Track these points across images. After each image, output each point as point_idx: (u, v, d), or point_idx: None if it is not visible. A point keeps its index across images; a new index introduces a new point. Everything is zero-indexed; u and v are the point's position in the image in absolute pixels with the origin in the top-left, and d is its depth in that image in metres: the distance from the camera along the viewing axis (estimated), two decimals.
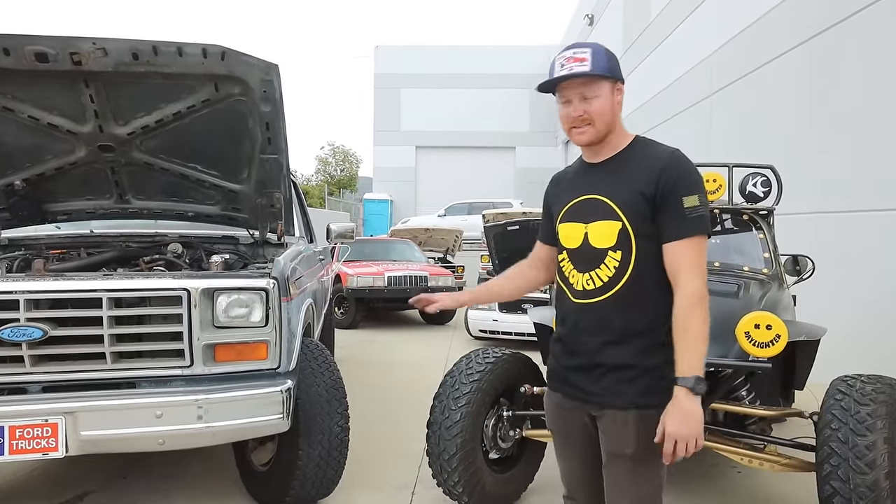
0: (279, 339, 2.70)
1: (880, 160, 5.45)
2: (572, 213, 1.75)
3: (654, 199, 1.62)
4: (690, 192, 1.60)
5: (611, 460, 1.70)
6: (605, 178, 1.71)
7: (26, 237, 3.46)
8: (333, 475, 3.03)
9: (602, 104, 1.64)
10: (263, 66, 2.59)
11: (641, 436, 1.63)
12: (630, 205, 1.64)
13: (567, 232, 1.75)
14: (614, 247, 1.65)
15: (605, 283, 1.66)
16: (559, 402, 1.81)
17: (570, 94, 1.66)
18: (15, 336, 2.40)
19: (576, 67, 1.61)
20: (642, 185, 1.63)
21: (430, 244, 14.36)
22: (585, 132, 1.67)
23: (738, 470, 3.62)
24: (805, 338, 2.98)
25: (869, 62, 5.69)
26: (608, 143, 1.72)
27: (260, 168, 3.00)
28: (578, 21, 19.97)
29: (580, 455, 1.81)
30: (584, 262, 1.71)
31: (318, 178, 33.70)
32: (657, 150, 1.70)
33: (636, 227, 1.63)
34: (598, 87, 1.64)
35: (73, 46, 2.45)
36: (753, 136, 7.78)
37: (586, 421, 1.75)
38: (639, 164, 1.67)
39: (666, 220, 1.62)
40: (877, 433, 2.37)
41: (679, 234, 1.60)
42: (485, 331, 7.96)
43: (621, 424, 1.65)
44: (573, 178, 1.82)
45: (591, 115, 1.65)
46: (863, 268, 5.57)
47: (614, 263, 1.65)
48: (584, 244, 1.70)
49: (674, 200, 1.60)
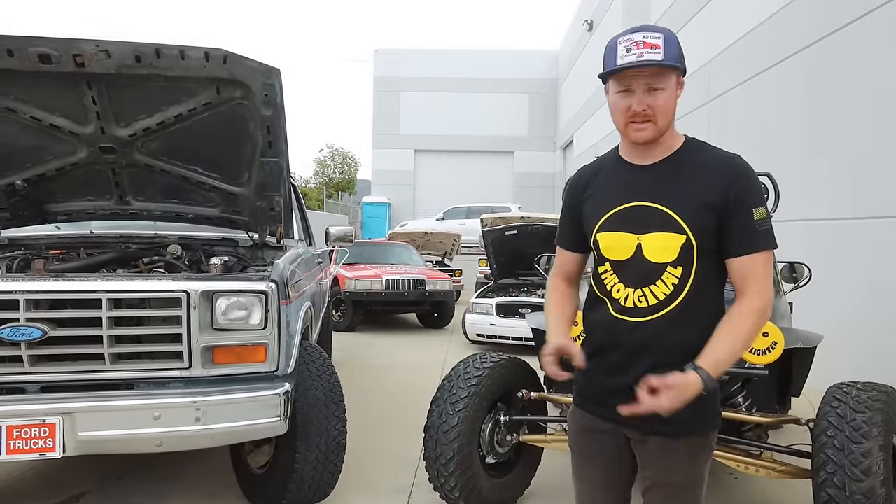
0: (278, 341, 2.71)
1: (876, 168, 5.48)
2: (618, 220, 1.55)
3: (723, 210, 1.47)
4: (759, 204, 1.48)
5: (654, 487, 1.58)
6: (661, 183, 1.53)
7: (26, 237, 3.46)
8: (330, 478, 3.03)
9: (667, 99, 1.48)
10: (265, 70, 2.60)
11: (691, 462, 1.54)
12: (696, 218, 1.48)
13: (612, 242, 1.56)
14: (675, 262, 1.49)
15: (661, 300, 1.51)
16: (590, 423, 1.64)
17: (635, 83, 1.47)
18: (14, 336, 2.41)
19: (647, 54, 1.43)
20: (710, 195, 1.47)
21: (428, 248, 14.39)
22: (646, 129, 1.49)
23: (734, 476, 3.63)
24: (801, 345, 3.00)
25: (866, 70, 5.72)
26: (661, 143, 1.54)
27: (260, 171, 3.01)
28: (578, 26, 20.05)
29: (602, 481, 1.67)
30: (635, 276, 1.53)
31: (317, 180, 33.72)
32: (718, 155, 1.54)
33: (701, 243, 1.49)
34: (667, 79, 1.47)
35: (76, 48, 2.46)
36: (751, 144, 7.81)
37: (619, 444, 1.61)
38: (701, 170, 1.51)
39: (736, 233, 1.48)
40: (872, 440, 2.38)
41: (753, 247, 1.47)
42: (482, 335, 7.96)
43: (672, 452, 1.52)
44: (614, 180, 1.61)
45: (654, 110, 1.47)
46: (859, 275, 5.59)
47: (673, 280, 1.50)
48: (637, 257, 1.53)
49: (745, 213, 1.47)
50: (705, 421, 1.53)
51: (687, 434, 1.52)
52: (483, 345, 7.89)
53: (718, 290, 1.55)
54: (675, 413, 1.42)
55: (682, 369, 1.43)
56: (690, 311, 1.50)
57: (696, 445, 1.54)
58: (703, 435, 1.54)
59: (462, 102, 24.71)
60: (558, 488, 3.36)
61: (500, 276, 8.87)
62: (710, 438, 1.56)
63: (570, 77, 21.85)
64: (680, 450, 1.52)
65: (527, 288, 8.22)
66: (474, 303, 8.12)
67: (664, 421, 1.45)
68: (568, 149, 22.51)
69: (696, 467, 1.54)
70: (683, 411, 1.43)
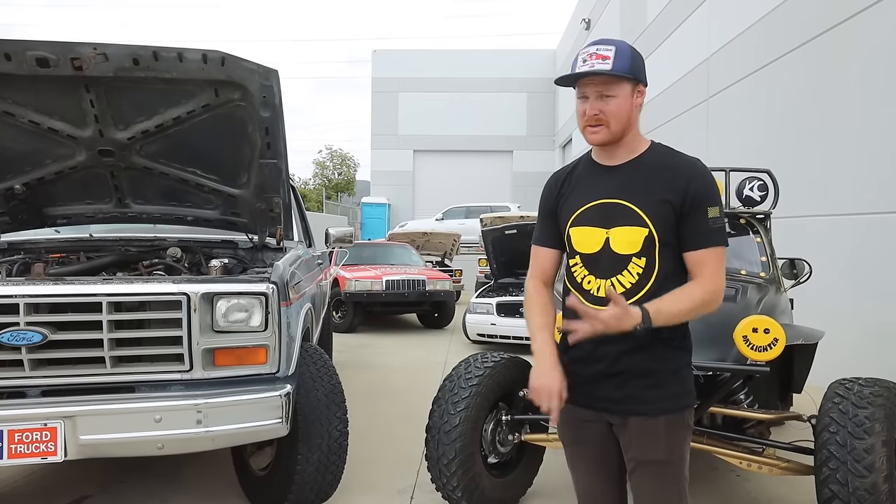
0: (278, 343, 2.71)
1: (877, 163, 5.48)
2: (588, 216, 1.69)
3: (680, 208, 1.61)
4: (714, 204, 1.62)
5: (638, 467, 1.67)
6: (626, 182, 1.67)
7: (26, 241, 3.45)
8: (332, 480, 3.03)
9: (619, 105, 1.61)
10: (263, 72, 2.60)
11: (671, 440, 1.63)
12: (657, 212, 1.62)
13: (581, 236, 1.70)
14: (639, 253, 1.63)
15: (627, 289, 1.63)
16: (575, 414, 1.74)
17: (589, 90, 1.63)
18: (15, 340, 2.40)
19: (597, 65, 1.58)
20: (669, 194, 1.61)
21: (427, 248, 14.40)
22: (599, 132, 1.64)
23: (736, 473, 3.63)
24: (803, 341, 2.99)
25: (867, 65, 5.72)
26: (624, 146, 1.69)
27: (259, 173, 3.00)
28: (575, 25, 20.05)
29: (589, 469, 1.78)
30: (603, 267, 1.67)
31: (316, 181, 33.71)
32: (680, 158, 1.68)
33: (662, 235, 1.62)
34: (617, 87, 1.61)
35: (73, 52, 2.46)
36: (750, 140, 7.82)
37: (603, 431, 1.72)
38: (663, 171, 1.65)
39: (691, 229, 1.62)
40: (875, 436, 2.38)
41: (706, 243, 1.62)
42: (483, 334, 7.96)
43: (651, 431, 1.63)
44: (584, 180, 1.75)
45: (606, 115, 1.61)
46: (860, 270, 5.59)
47: (638, 270, 1.64)
48: (605, 250, 1.66)
49: (700, 211, 1.61)
50: (679, 398, 1.66)
51: (663, 412, 1.63)
52: (484, 344, 7.90)
53: (682, 280, 1.66)
54: (650, 393, 1.62)
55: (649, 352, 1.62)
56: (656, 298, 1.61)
57: (674, 423, 1.64)
58: (678, 412, 1.65)
59: (460, 102, 24.69)
60: (560, 487, 3.36)
61: (501, 276, 8.87)
62: (687, 416, 1.68)
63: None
64: (659, 428, 1.63)
65: None
66: (474, 302, 8.12)
67: (641, 402, 1.63)
68: (567, 147, 22.51)
69: (675, 444, 1.65)
70: (658, 391, 1.63)
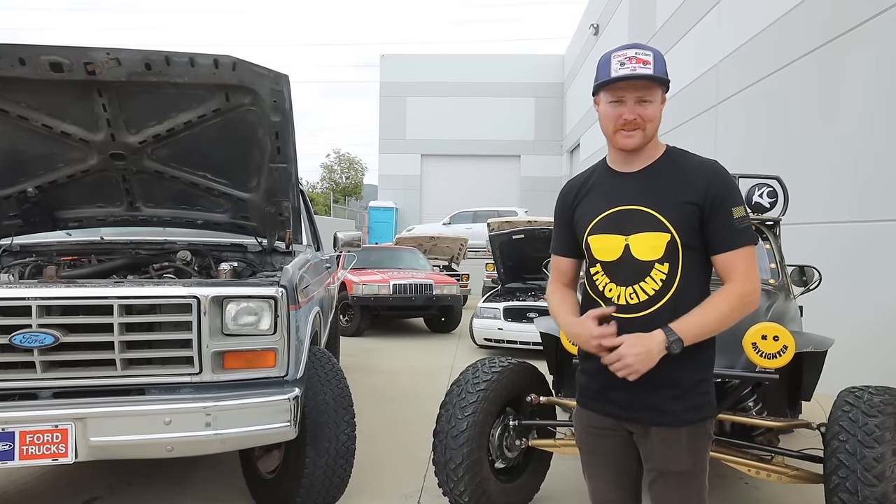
0: (287, 347, 2.72)
1: (886, 170, 5.44)
2: (606, 224, 1.68)
3: (702, 210, 1.60)
4: (738, 204, 1.61)
5: (660, 477, 1.66)
6: (645, 188, 1.65)
7: (38, 244, 3.48)
8: (339, 483, 3.04)
9: (655, 110, 1.62)
10: (273, 77, 2.62)
11: (693, 450, 1.62)
12: (678, 217, 1.60)
13: (601, 244, 1.69)
14: (661, 259, 1.61)
15: (650, 296, 1.62)
16: (594, 421, 1.74)
17: (627, 94, 1.61)
18: (27, 342, 2.42)
19: (639, 69, 1.57)
20: (689, 196, 1.60)
21: (434, 252, 14.39)
22: (634, 136, 1.62)
23: (745, 481, 3.61)
24: (812, 349, 2.97)
25: (876, 72, 5.69)
26: (644, 151, 1.68)
27: (269, 177, 3.02)
28: (584, 30, 20.06)
29: (610, 477, 1.76)
30: (625, 275, 1.65)
31: (324, 185, 33.81)
32: (696, 160, 1.67)
33: (685, 239, 1.60)
34: (655, 92, 1.62)
35: (87, 56, 2.49)
36: (759, 147, 7.79)
37: (623, 439, 1.71)
38: (681, 174, 1.64)
39: (717, 231, 1.60)
40: (885, 445, 2.36)
41: (735, 244, 1.60)
42: (490, 339, 7.95)
43: (673, 442, 1.62)
44: (601, 187, 1.73)
45: (644, 119, 1.61)
46: (869, 278, 5.56)
47: (661, 276, 1.61)
48: (626, 256, 1.64)
49: (724, 212, 1.59)
50: (701, 409, 1.64)
51: (686, 423, 1.62)
52: (491, 349, 7.89)
53: (705, 285, 1.66)
54: (673, 403, 1.60)
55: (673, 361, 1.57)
56: (679, 305, 1.60)
57: (696, 434, 1.63)
58: (700, 423, 1.64)
59: (468, 107, 24.72)
60: (568, 493, 3.35)
61: (508, 281, 8.86)
62: (708, 426, 1.66)
63: (577, 81, 21.85)
64: (681, 439, 1.62)
65: (534, 292, 8.20)
66: (482, 307, 8.11)
67: (664, 412, 1.61)
68: (574, 153, 22.48)
69: (697, 455, 1.64)
70: (681, 402, 1.61)
